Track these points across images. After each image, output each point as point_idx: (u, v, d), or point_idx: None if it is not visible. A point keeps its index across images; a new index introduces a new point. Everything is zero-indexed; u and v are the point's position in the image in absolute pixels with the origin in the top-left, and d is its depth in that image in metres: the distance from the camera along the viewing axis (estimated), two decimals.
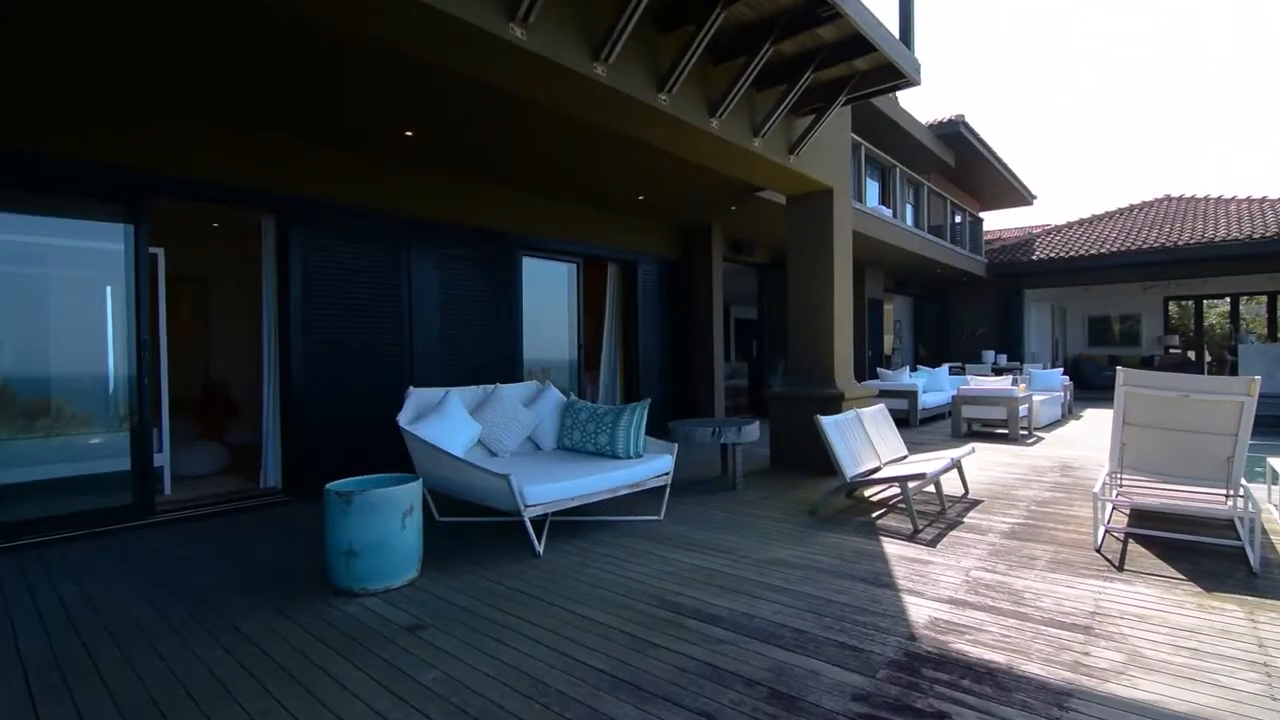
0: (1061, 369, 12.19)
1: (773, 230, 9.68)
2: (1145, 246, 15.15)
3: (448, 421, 4.82)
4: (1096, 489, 4.09)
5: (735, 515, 4.93)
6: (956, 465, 5.29)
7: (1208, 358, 18.59)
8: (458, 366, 6.84)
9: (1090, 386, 16.13)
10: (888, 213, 11.73)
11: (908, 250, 12.40)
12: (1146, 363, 18.50)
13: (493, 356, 7.25)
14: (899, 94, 12.19)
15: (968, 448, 5.59)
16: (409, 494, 3.53)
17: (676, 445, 5.02)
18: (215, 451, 6.69)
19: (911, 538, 4.28)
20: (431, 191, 6.72)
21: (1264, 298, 20.06)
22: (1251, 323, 22.40)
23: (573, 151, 6.14)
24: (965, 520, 4.71)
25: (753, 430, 5.87)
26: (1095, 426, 10.13)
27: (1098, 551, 3.94)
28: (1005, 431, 9.12)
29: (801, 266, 6.88)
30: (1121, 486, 4.46)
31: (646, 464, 4.77)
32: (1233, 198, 16.97)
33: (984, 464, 6.84)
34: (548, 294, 8.41)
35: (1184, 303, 19.60)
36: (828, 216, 6.67)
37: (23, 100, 4.44)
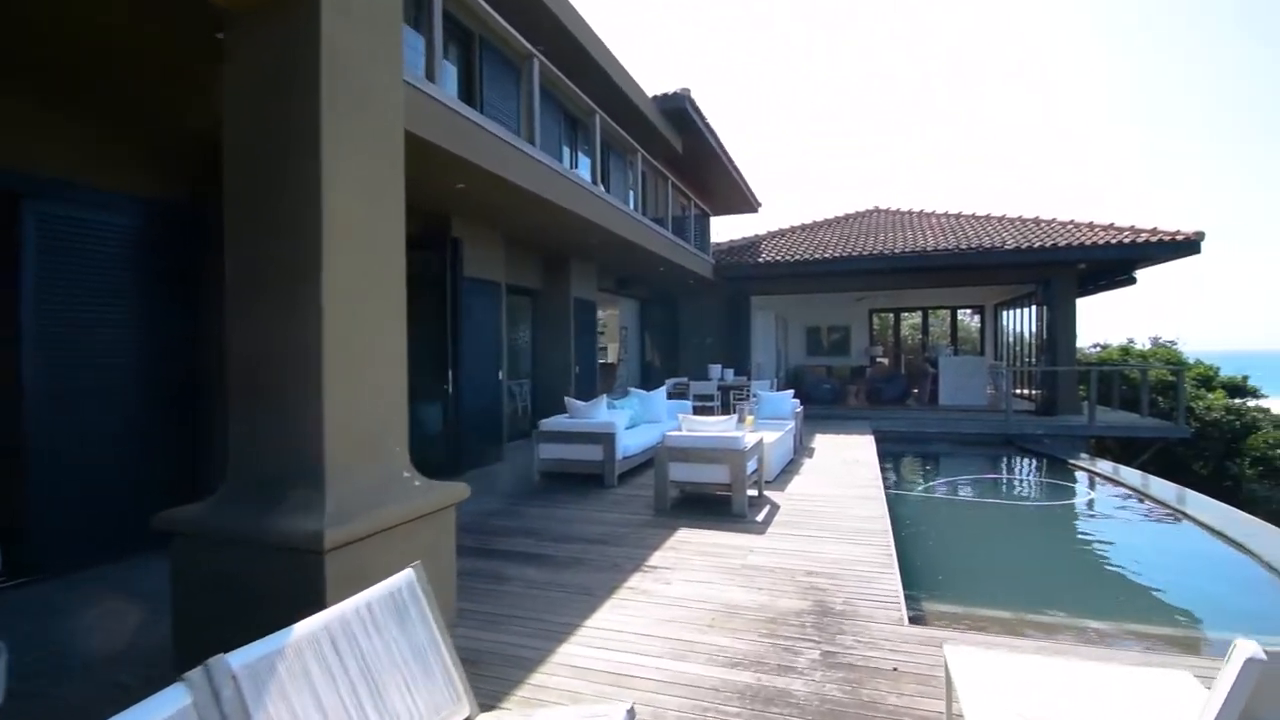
0: (791, 390, 9.99)
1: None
2: (864, 254, 14.15)
3: None
4: None
5: None
6: None
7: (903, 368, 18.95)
8: None
9: (811, 400, 14.80)
10: (584, 176, 8.36)
11: (617, 234, 9.20)
12: (858, 373, 18.24)
13: None
14: (620, 56, 8.73)
15: None
16: None
17: None
18: None
19: None
20: None
21: (945, 312, 21.66)
22: (939, 336, 24.31)
23: None
24: None
25: None
26: (837, 472, 7.76)
27: None
28: (728, 494, 6.16)
29: (247, 198, 2.78)
30: None
31: None
32: (933, 212, 17.15)
33: (670, 629, 3.48)
34: None
35: (884, 315, 20.10)
36: (309, 64, 2.64)
37: None
